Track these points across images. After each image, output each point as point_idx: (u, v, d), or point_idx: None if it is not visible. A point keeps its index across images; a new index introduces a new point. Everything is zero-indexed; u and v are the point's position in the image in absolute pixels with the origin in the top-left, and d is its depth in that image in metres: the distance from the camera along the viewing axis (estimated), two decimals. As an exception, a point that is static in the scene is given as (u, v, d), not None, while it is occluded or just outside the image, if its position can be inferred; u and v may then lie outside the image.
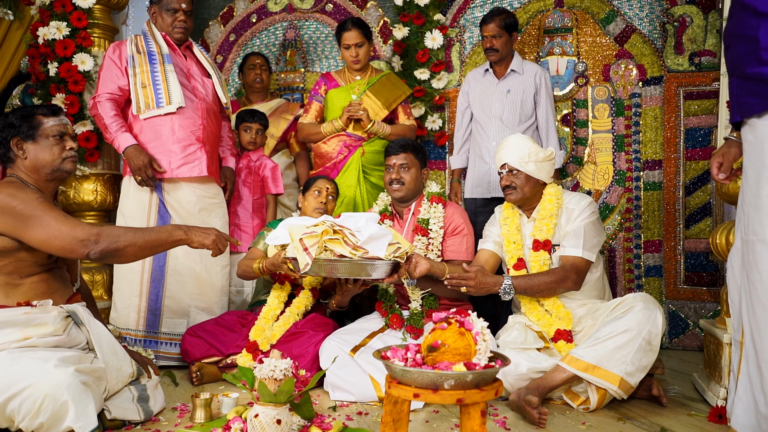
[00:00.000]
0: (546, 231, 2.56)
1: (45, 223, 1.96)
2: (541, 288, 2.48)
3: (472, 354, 1.72)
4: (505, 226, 2.70)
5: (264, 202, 3.63)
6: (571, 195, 2.65)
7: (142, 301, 3.11)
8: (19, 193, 1.98)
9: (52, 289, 2.11)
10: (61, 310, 2.04)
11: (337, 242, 2.31)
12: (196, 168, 3.14)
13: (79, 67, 3.33)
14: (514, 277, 2.50)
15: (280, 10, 4.38)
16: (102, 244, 2.01)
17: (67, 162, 2.15)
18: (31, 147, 2.10)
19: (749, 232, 1.67)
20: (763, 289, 1.61)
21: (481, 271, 2.45)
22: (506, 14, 3.41)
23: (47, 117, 2.14)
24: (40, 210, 1.97)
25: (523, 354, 2.37)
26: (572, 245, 2.50)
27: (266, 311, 2.86)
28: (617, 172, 3.79)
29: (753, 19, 1.62)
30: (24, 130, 2.10)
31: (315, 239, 2.29)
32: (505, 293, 2.48)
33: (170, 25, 3.19)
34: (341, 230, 2.34)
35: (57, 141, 2.13)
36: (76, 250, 1.99)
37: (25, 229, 1.96)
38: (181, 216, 3.14)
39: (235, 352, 2.77)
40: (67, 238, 1.97)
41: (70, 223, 1.99)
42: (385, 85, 3.57)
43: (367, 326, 2.73)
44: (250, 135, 3.59)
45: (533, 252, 2.58)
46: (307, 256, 2.26)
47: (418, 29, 3.98)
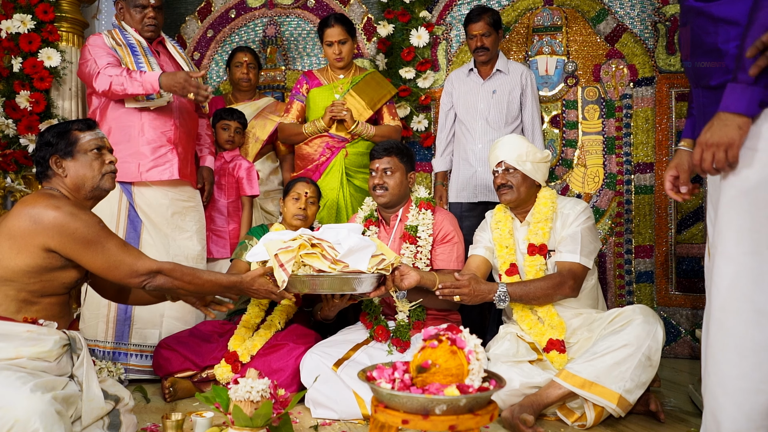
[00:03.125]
0: (542, 235, 2.46)
1: (107, 250, 1.94)
2: (537, 294, 2.38)
3: (465, 375, 1.60)
4: (497, 229, 2.59)
5: (240, 205, 3.47)
6: (566, 200, 2.56)
7: (110, 311, 2.94)
8: (81, 213, 1.94)
9: (61, 314, 2.04)
10: (63, 335, 1.96)
11: (314, 257, 2.20)
12: (167, 171, 2.97)
13: (45, 63, 3.15)
14: (510, 284, 2.40)
15: (260, 5, 4.23)
16: (158, 281, 2.02)
17: (107, 179, 2.12)
18: (71, 164, 2.06)
19: (710, 245, 1.63)
20: (718, 305, 1.54)
21: (475, 278, 2.35)
22: (492, 11, 3.33)
23: (83, 132, 2.10)
24: (103, 236, 1.94)
25: (516, 368, 2.26)
26: (569, 250, 2.41)
27: (246, 319, 2.72)
28: (608, 175, 3.69)
29: (711, 25, 1.56)
30: (62, 148, 2.06)
31: (291, 254, 2.18)
32: (500, 300, 2.37)
33: (139, 22, 3.01)
34: (320, 243, 2.22)
35: (96, 155, 2.10)
36: (133, 282, 1.99)
37: (85, 252, 1.93)
38: (152, 220, 2.99)
39: (212, 365, 2.62)
40: (127, 270, 1.97)
41: (133, 255, 1.99)
42: (369, 84, 3.44)
43: (351, 337, 2.60)
44: (229, 133, 3.45)
45: (528, 257, 2.48)
46: (283, 272, 2.15)
47: (404, 26, 3.87)
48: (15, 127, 3.16)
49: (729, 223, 1.53)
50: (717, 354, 1.54)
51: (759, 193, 1.48)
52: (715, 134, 1.52)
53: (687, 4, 1.64)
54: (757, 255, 1.48)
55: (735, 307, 1.50)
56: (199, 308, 2.34)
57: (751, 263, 1.48)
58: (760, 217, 1.48)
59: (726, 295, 1.52)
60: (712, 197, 1.67)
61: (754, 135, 1.50)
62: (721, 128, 1.51)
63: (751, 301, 1.48)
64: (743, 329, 1.49)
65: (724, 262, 1.53)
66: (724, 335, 1.53)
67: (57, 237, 1.89)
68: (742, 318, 1.49)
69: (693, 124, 1.81)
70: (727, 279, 1.52)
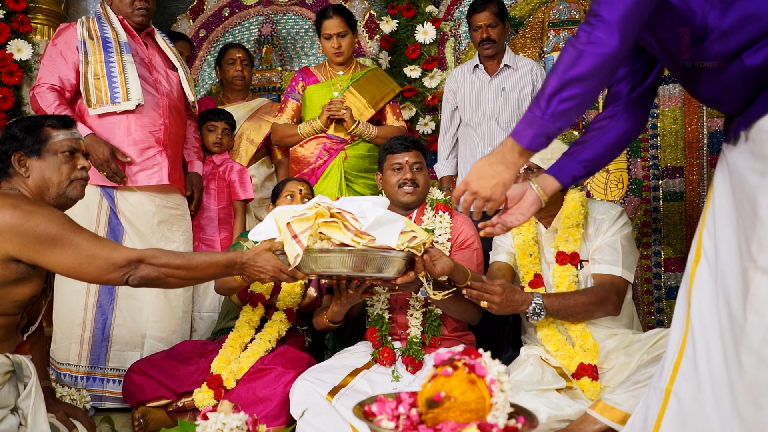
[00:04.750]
0: (573, 242, 2.18)
1: (76, 245, 1.71)
2: (577, 310, 2.08)
3: (487, 410, 1.31)
4: (519, 235, 2.30)
5: (232, 212, 3.21)
6: (597, 203, 2.28)
7: (85, 331, 2.67)
8: (41, 209, 1.72)
9: (6, 336, 1.79)
10: (6, 360, 1.71)
11: (334, 226, 1.80)
12: (156, 175, 2.74)
13: (15, 56, 2.95)
14: (546, 296, 2.09)
15: (256, 3, 4.03)
16: (142, 271, 1.76)
17: (75, 186, 1.90)
18: (36, 164, 1.85)
19: (729, 260, 1.41)
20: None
21: (509, 287, 2.04)
22: (498, 0, 3.10)
23: (57, 129, 1.90)
24: (69, 229, 1.72)
25: (542, 398, 1.95)
26: (609, 262, 2.13)
27: (233, 338, 2.43)
28: (632, 181, 3.41)
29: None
30: (29, 144, 1.85)
31: (307, 223, 1.80)
32: (534, 314, 2.07)
33: (129, 6, 2.78)
34: (340, 213, 1.83)
35: (67, 158, 1.89)
36: (114, 277, 1.75)
37: (51, 252, 1.69)
38: (136, 228, 2.74)
39: (191, 390, 2.33)
40: (103, 263, 1.72)
41: (107, 246, 1.76)
42: (371, 81, 3.19)
43: (349, 362, 2.28)
44: (216, 135, 3.21)
45: (557, 266, 2.19)
46: (297, 245, 1.77)
47: (408, 22, 3.65)
48: (-21, 125, 2.91)
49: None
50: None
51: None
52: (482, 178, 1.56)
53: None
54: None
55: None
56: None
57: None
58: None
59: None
60: (723, 206, 1.39)
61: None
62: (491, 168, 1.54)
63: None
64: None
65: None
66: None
67: (16, 239, 1.65)
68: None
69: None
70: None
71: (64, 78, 2.65)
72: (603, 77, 1.39)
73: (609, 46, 1.33)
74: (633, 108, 1.71)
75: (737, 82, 1.37)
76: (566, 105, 1.40)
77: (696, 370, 1.37)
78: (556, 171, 1.72)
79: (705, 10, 1.33)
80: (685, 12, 1.36)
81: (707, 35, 1.35)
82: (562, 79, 1.38)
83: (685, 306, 1.43)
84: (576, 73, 1.37)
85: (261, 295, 2.48)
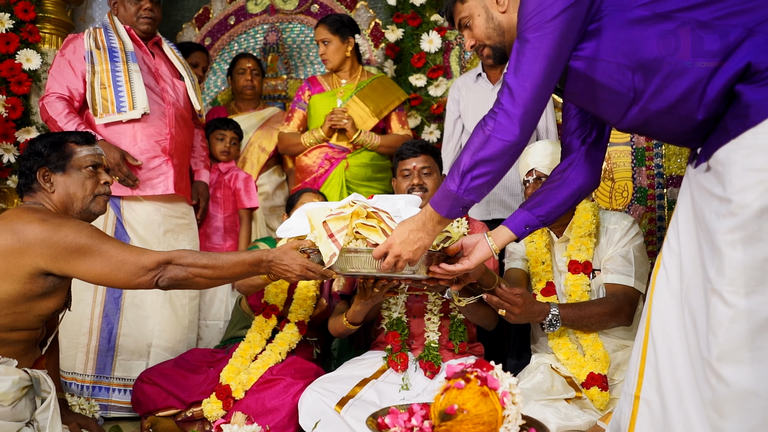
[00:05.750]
0: (585, 251, 2.19)
1: (105, 253, 1.75)
2: (592, 321, 2.09)
3: (499, 422, 1.32)
4: (531, 243, 2.31)
5: (238, 220, 3.23)
6: (609, 213, 2.29)
7: (91, 340, 2.67)
8: (67, 221, 1.78)
9: (25, 350, 1.82)
10: (24, 375, 1.71)
11: (372, 229, 1.79)
12: (162, 184, 2.75)
13: (24, 66, 2.94)
14: (562, 306, 2.10)
15: (261, 11, 4.02)
16: (170, 272, 1.80)
17: (98, 201, 1.95)
18: (61, 179, 1.90)
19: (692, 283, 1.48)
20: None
21: (528, 297, 2.06)
22: None
23: (80, 146, 1.94)
24: (96, 238, 1.76)
25: (551, 408, 1.95)
26: (621, 272, 2.13)
27: (244, 348, 2.42)
28: (637, 189, 3.40)
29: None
30: (53, 160, 1.89)
31: (344, 222, 1.79)
32: (550, 325, 2.08)
33: (134, 15, 2.80)
34: (376, 213, 1.82)
35: (90, 173, 1.93)
36: (144, 281, 1.78)
37: (81, 262, 1.73)
38: (142, 238, 2.74)
39: (200, 400, 2.32)
40: (133, 268, 1.76)
41: (135, 251, 1.80)
42: (375, 89, 3.20)
43: (357, 372, 2.27)
44: (224, 144, 3.24)
45: (570, 275, 2.20)
46: (333, 244, 1.75)
47: (414, 31, 3.63)
48: (-12, 134, 2.91)
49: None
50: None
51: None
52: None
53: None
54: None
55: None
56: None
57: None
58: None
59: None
60: (686, 225, 1.45)
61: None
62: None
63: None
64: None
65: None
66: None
67: (46, 251, 1.69)
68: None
69: None
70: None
71: (72, 88, 2.66)
72: (509, 158, 1.53)
73: (512, 135, 1.48)
74: (585, 161, 1.79)
75: (687, 131, 1.44)
76: (478, 182, 1.55)
77: (658, 376, 1.42)
78: (511, 222, 1.82)
79: (628, 76, 1.42)
80: (611, 83, 1.45)
81: (640, 97, 1.43)
82: (473, 159, 1.53)
83: (646, 314, 1.49)
84: (485, 155, 1.51)
85: (275, 306, 2.49)
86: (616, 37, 1.41)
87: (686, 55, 1.35)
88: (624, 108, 1.47)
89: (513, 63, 1.48)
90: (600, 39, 1.43)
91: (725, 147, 1.30)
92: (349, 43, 3.14)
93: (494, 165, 1.53)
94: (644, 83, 1.41)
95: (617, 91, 1.45)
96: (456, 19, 1.75)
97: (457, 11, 1.73)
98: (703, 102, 1.35)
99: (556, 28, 1.41)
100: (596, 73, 1.46)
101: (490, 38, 1.69)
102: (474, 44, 1.74)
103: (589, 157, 1.80)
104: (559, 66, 1.46)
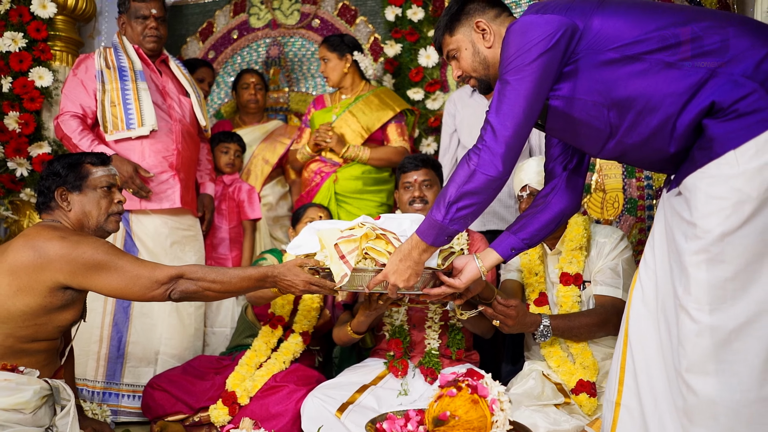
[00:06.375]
0: (576, 264, 2.28)
1: (121, 268, 1.85)
2: (581, 331, 2.19)
3: (488, 428, 1.42)
4: (525, 255, 2.41)
5: (242, 231, 3.31)
6: (599, 227, 2.39)
7: (102, 348, 2.75)
8: (85, 238, 1.87)
9: (46, 361, 1.91)
10: (44, 385, 1.79)
11: (380, 254, 1.91)
12: (169, 199, 2.84)
13: (36, 83, 3.03)
14: (553, 317, 2.20)
15: (264, 26, 4.11)
16: (182, 285, 1.90)
17: (111, 221, 2.05)
18: (77, 198, 1.99)
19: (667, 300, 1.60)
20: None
21: (522, 309, 2.15)
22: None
23: (96, 166, 2.04)
24: (113, 255, 1.86)
25: (541, 413, 2.03)
26: (610, 284, 2.22)
27: (250, 356, 2.51)
28: (628, 200, 3.50)
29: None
30: (71, 180, 1.99)
31: (354, 244, 1.91)
32: (541, 335, 2.18)
33: (140, 34, 2.89)
34: (384, 235, 1.94)
35: (105, 193, 2.03)
36: (157, 294, 1.88)
37: (99, 276, 1.83)
38: (150, 250, 2.83)
39: (207, 406, 2.41)
40: (147, 282, 1.86)
41: (149, 266, 1.90)
42: (370, 102, 3.25)
43: (356, 379, 2.37)
44: (229, 157, 3.32)
45: (562, 287, 2.29)
46: (344, 265, 1.86)
47: (411, 46, 3.73)
48: (2, 149, 3.02)
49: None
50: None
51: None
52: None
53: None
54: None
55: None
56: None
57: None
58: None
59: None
60: (660, 243, 1.57)
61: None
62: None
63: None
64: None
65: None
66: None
67: (66, 267, 1.78)
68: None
69: None
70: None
71: (85, 106, 2.75)
72: (493, 192, 1.65)
73: (496, 170, 1.59)
74: (566, 187, 1.90)
75: (661, 161, 1.56)
76: (462, 212, 1.65)
77: (637, 385, 1.53)
78: (498, 246, 1.91)
79: (604, 113, 1.54)
80: (588, 119, 1.57)
81: (616, 132, 1.55)
82: (458, 192, 1.63)
83: (624, 327, 1.61)
84: (470, 189, 1.62)
85: (281, 317, 2.58)
86: (591, 78, 1.53)
87: (656, 94, 1.47)
88: (602, 141, 1.59)
89: (495, 103, 1.60)
90: (576, 79, 1.55)
91: (692, 175, 1.42)
92: (347, 60, 3.20)
93: (478, 198, 1.64)
94: (619, 119, 1.53)
95: (595, 127, 1.57)
96: (444, 50, 1.85)
97: (445, 43, 1.83)
98: (673, 136, 1.47)
99: (534, 71, 1.53)
100: (574, 110, 1.58)
101: (476, 71, 1.80)
102: (461, 74, 1.83)
103: (570, 183, 1.91)
104: (538, 105, 1.57)
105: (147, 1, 2.88)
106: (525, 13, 1.60)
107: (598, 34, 1.52)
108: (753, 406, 1.34)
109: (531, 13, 1.57)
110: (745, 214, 1.34)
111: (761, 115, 1.35)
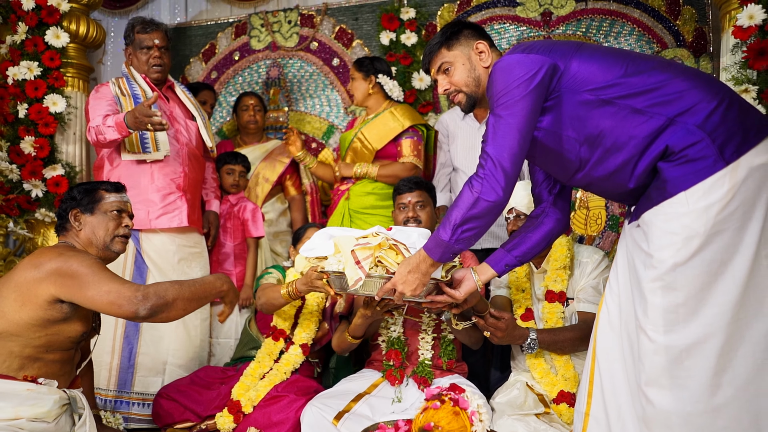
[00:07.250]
0: (560, 282, 2.45)
1: (99, 279, 1.91)
2: (565, 344, 2.36)
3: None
4: (513, 273, 2.58)
5: (246, 248, 3.47)
6: (582, 247, 2.56)
7: (114, 359, 2.91)
8: (76, 254, 1.97)
9: (63, 371, 2.03)
10: (63, 395, 1.95)
11: (390, 263, 2.06)
12: (176, 218, 2.99)
13: (51, 109, 3.18)
14: (540, 331, 2.37)
15: (264, 47, 4.27)
16: (150, 300, 1.93)
17: (117, 242, 2.15)
18: (88, 219, 2.12)
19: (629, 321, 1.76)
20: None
21: (511, 322, 2.32)
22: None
23: (110, 192, 2.17)
24: (96, 268, 1.93)
25: (522, 422, 2.20)
26: (592, 301, 2.39)
27: (254, 367, 2.66)
28: (610, 217, 3.67)
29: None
30: (84, 203, 2.13)
31: (369, 251, 2.04)
32: (528, 348, 2.35)
33: (146, 63, 3.05)
34: (396, 246, 2.09)
35: (115, 217, 2.15)
36: (124, 307, 1.90)
37: (83, 288, 1.90)
38: (158, 267, 2.98)
39: (213, 414, 2.55)
40: (115, 294, 1.90)
41: (120, 282, 1.95)
42: (383, 119, 3.35)
43: (352, 388, 2.53)
44: (233, 178, 3.47)
45: (547, 303, 2.46)
46: (359, 270, 2.00)
47: (405, 69, 3.88)
48: (19, 172, 3.17)
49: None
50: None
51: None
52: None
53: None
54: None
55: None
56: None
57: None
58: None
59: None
60: (623, 269, 1.75)
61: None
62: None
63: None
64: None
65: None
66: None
67: (58, 280, 1.89)
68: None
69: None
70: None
71: (111, 111, 2.86)
72: (494, 216, 1.78)
73: (497, 196, 1.73)
74: (554, 209, 2.07)
75: (622, 194, 1.76)
76: (467, 234, 1.80)
77: (603, 397, 1.72)
78: (493, 262, 2.05)
79: (576, 147, 1.73)
80: (561, 151, 1.75)
81: (585, 165, 1.74)
82: (464, 216, 1.77)
83: (592, 345, 1.79)
84: (473, 213, 1.76)
85: (283, 330, 2.72)
86: (568, 114, 1.71)
87: (622, 135, 1.66)
88: (571, 172, 1.78)
89: (490, 135, 1.75)
90: (555, 114, 1.73)
91: (650, 211, 1.61)
92: (371, 81, 3.36)
93: (481, 221, 1.78)
94: (589, 154, 1.72)
95: (567, 158, 1.76)
96: (437, 63, 1.96)
97: (441, 55, 1.94)
98: (634, 174, 1.66)
99: (524, 107, 1.69)
100: (550, 142, 1.76)
101: (468, 86, 1.92)
102: (449, 89, 1.94)
103: (557, 206, 2.07)
104: (530, 136, 1.74)
105: (150, 33, 3.03)
106: (511, 51, 1.76)
107: (575, 76, 1.69)
108: (702, 417, 1.53)
109: (517, 52, 1.73)
110: (694, 247, 1.53)
111: (707, 162, 1.53)
